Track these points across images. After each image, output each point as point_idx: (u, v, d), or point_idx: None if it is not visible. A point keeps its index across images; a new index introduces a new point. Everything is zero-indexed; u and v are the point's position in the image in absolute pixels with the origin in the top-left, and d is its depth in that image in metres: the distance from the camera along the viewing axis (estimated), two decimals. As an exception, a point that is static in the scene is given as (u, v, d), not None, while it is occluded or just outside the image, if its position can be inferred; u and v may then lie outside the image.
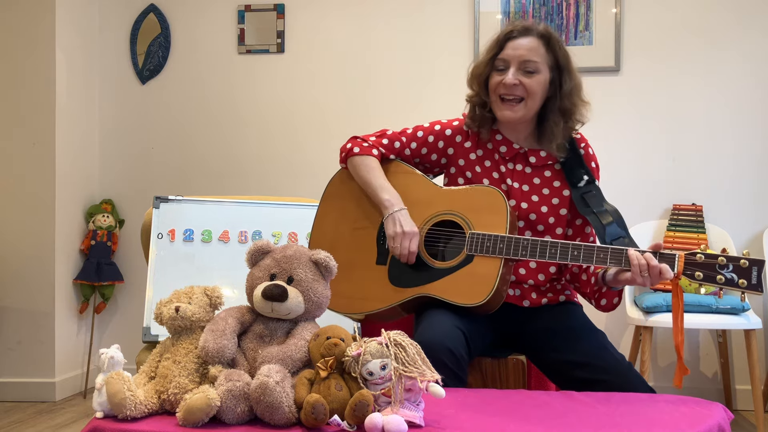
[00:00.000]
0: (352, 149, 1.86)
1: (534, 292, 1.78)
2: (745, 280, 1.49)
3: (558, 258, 1.62)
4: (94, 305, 3.47)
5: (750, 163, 3.17)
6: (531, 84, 1.73)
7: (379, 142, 1.88)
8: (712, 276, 1.51)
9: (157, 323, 1.40)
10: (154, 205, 2.39)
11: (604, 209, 1.73)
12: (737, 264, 1.50)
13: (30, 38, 3.28)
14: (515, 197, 1.78)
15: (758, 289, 1.48)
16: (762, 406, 2.71)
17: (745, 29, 3.17)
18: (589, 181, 1.77)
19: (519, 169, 1.81)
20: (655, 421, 1.25)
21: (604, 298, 1.73)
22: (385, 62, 3.41)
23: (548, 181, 1.80)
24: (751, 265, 1.49)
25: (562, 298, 1.81)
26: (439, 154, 1.87)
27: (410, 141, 1.88)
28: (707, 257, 1.53)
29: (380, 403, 1.22)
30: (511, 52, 1.75)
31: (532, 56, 1.74)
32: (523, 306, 1.77)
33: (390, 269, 1.77)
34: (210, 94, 3.53)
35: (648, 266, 1.54)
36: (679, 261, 1.55)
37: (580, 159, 1.80)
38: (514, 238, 1.65)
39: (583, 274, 1.74)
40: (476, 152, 1.84)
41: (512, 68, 1.74)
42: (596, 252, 1.59)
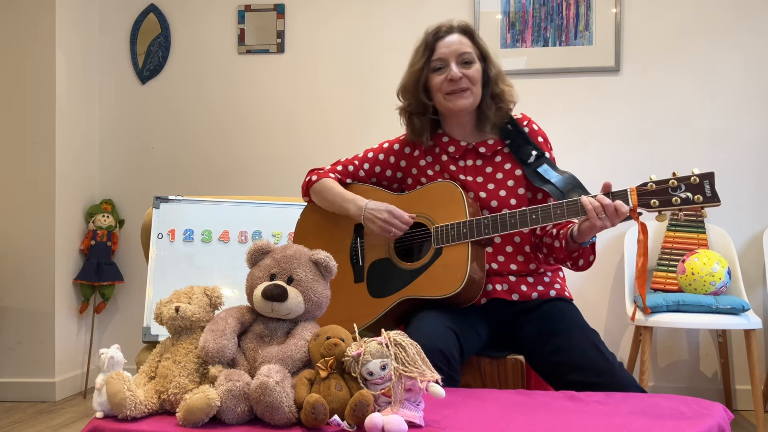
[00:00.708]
0: (311, 179, 1.96)
1: (522, 284, 1.79)
2: (700, 195, 1.50)
3: (519, 225, 1.66)
4: (94, 305, 3.47)
5: (750, 163, 3.17)
6: (472, 73, 1.82)
7: (333, 169, 1.98)
8: (668, 199, 1.53)
9: (157, 323, 1.40)
10: (154, 205, 2.39)
11: (559, 177, 1.77)
12: (688, 182, 1.52)
13: (30, 38, 3.28)
14: (472, 190, 1.82)
15: (714, 200, 1.50)
16: (762, 406, 2.71)
17: (744, 29, 3.18)
18: (538, 155, 1.82)
19: (471, 165, 1.86)
20: (655, 421, 1.25)
21: (580, 259, 1.76)
22: (385, 62, 3.41)
23: (500, 165, 1.85)
24: (702, 179, 1.50)
25: (552, 292, 1.81)
26: (393, 169, 1.95)
27: (363, 162, 1.97)
28: (658, 183, 1.55)
29: (380, 403, 1.22)
30: (446, 49, 1.84)
31: (465, 48, 1.83)
32: (512, 300, 1.78)
33: (368, 284, 1.84)
34: (210, 94, 3.54)
35: (602, 206, 1.57)
36: (632, 194, 1.57)
37: (524, 136, 1.85)
38: (475, 220, 1.70)
39: (555, 241, 1.77)
40: (425, 159, 1.91)
41: (452, 63, 1.81)
42: (552, 210, 1.63)
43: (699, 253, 2.81)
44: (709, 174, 1.50)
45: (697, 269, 2.76)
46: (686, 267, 2.79)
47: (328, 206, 1.92)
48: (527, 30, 3.29)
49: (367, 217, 1.81)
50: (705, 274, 2.74)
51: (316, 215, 1.98)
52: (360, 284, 1.85)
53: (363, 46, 3.43)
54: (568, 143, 3.14)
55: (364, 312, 1.80)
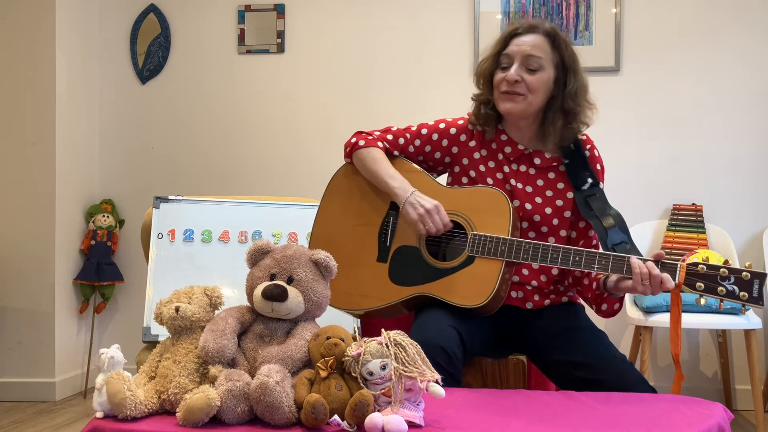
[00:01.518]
0: (357, 143, 1.85)
1: (537, 294, 1.78)
2: (746, 293, 1.48)
3: (559, 263, 1.61)
4: (94, 305, 3.47)
5: (750, 163, 3.17)
6: (533, 81, 1.72)
7: (383, 137, 1.87)
8: (713, 287, 1.51)
9: (157, 323, 1.40)
10: (154, 205, 2.39)
11: (607, 213, 1.72)
12: (739, 276, 1.49)
13: (30, 38, 3.28)
14: (519, 198, 1.77)
15: (759, 302, 1.48)
16: (762, 406, 2.71)
17: (744, 29, 3.17)
18: (593, 183, 1.76)
19: (523, 170, 1.80)
20: (655, 421, 1.25)
21: (605, 303, 1.72)
22: (385, 62, 3.41)
23: (552, 182, 1.79)
24: (753, 278, 1.48)
25: (564, 299, 1.80)
26: (443, 153, 1.86)
27: (414, 138, 1.87)
28: (709, 268, 1.52)
29: (380, 403, 1.22)
30: (515, 48, 1.75)
31: (535, 52, 1.73)
32: (525, 308, 1.77)
33: (390, 267, 1.77)
34: (210, 94, 3.53)
35: (650, 275, 1.53)
36: (680, 271, 1.54)
37: (584, 161, 1.79)
38: (516, 241, 1.64)
39: (585, 279, 1.74)
40: (480, 152, 1.83)
41: (515, 64, 1.73)
42: (598, 258, 1.59)
43: (699, 253, 2.80)
44: (762, 275, 1.49)
45: (697, 269, 2.76)
46: (686, 267, 2.78)
47: (370, 177, 1.82)
48: (527, 30, 3.28)
49: (411, 201, 1.71)
50: (705, 274, 2.74)
51: (355, 178, 1.87)
52: (382, 264, 1.78)
53: (363, 46, 3.43)
54: (568, 143, 3.13)
55: (378, 294, 1.75)
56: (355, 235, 1.84)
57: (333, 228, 1.88)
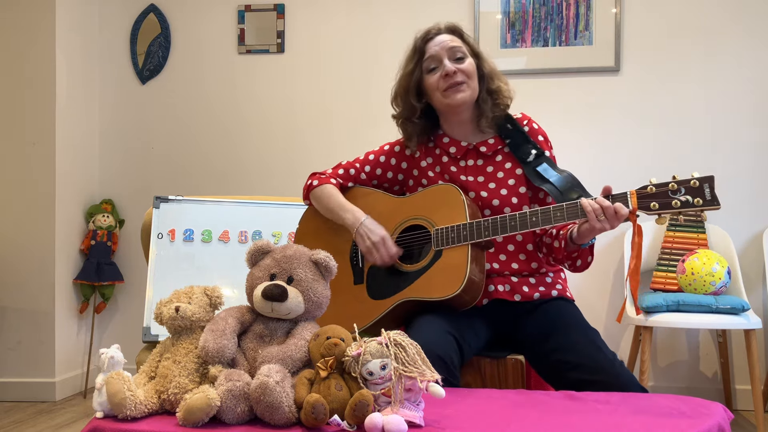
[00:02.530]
0: (312, 183, 1.96)
1: (524, 285, 1.79)
2: (699, 198, 1.50)
3: (519, 227, 1.66)
4: (94, 305, 3.47)
5: (750, 163, 3.17)
6: (466, 67, 1.82)
7: (335, 173, 1.98)
8: (667, 202, 1.53)
9: (157, 323, 1.40)
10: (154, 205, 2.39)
11: (558, 176, 1.77)
12: (688, 185, 1.52)
13: (30, 38, 3.28)
14: (473, 190, 1.82)
15: (714, 203, 1.50)
16: (762, 406, 2.71)
17: (744, 30, 3.18)
18: (537, 154, 1.82)
19: (471, 164, 1.86)
20: (655, 420, 1.25)
21: (579, 260, 1.77)
22: (384, 62, 3.40)
23: (500, 165, 1.85)
24: (702, 183, 1.50)
25: (554, 292, 1.81)
26: (393, 171, 1.95)
27: (364, 165, 1.97)
28: (658, 186, 1.55)
29: (380, 403, 1.22)
30: (437, 47, 1.83)
31: (455, 44, 1.83)
32: (514, 300, 1.78)
33: (368, 285, 1.83)
34: (210, 94, 3.54)
35: (602, 208, 1.57)
36: (631, 197, 1.58)
37: (524, 135, 1.85)
38: (475, 222, 1.70)
39: (555, 241, 1.77)
40: (426, 160, 1.91)
41: (445, 59, 1.82)
42: (552, 212, 1.63)
43: (699, 253, 2.81)
44: (709, 177, 1.50)
45: (697, 269, 2.76)
46: (686, 267, 2.79)
47: (327, 213, 1.93)
48: (527, 30, 3.29)
49: (360, 232, 1.81)
50: (705, 274, 2.74)
51: (316, 218, 1.98)
52: (359, 286, 1.85)
53: (363, 46, 3.43)
54: (568, 143, 3.13)
55: (364, 313, 1.79)
56: None
57: None
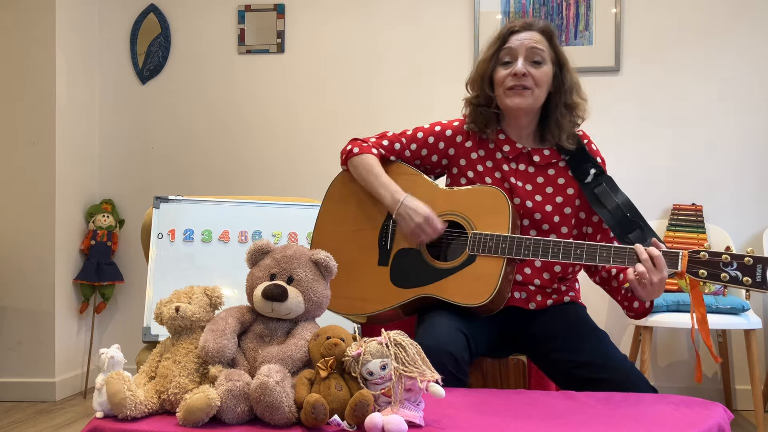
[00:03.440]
0: (352, 150, 1.86)
1: (539, 295, 1.77)
2: (749, 278, 1.48)
3: (561, 257, 1.61)
4: (94, 305, 3.47)
5: (750, 163, 3.17)
6: (538, 74, 1.74)
7: (379, 143, 1.87)
8: (716, 273, 1.50)
9: (157, 323, 1.40)
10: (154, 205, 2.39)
11: (615, 203, 1.72)
12: (741, 261, 1.49)
13: (30, 38, 3.28)
14: (519, 196, 1.77)
15: (763, 287, 1.47)
16: (762, 406, 2.71)
17: (745, 29, 3.17)
18: (596, 173, 1.76)
19: (522, 169, 1.80)
20: (655, 421, 1.25)
21: (635, 301, 1.72)
22: (385, 62, 3.41)
23: (552, 179, 1.79)
24: (756, 263, 1.48)
25: (566, 298, 1.80)
26: (439, 155, 1.87)
27: (410, 142, 1.88)
28: (711, 255, 1.51)
29: (380, 403, 1.22)
30: (517, 42, 1.75)
31: (537, 45, 1.75)
32: (528, 308, 1.77)
33: (392, 270, 1.77)
34: (210, 94, 3.53)
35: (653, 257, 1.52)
36: (682, 259, 1.53)
37: (585, 153, 1.79)
38: (517, 238, 1.64)
39: (614, 281, 1.74)
40: (477, 152, 1.83)
41: (520, 58, 1.74)
42: (599, 250, 1.58)
43: (699, 253, 2.80)
44: (765, 259, 1.48)
45: (697, 269, 2.76)
46: (686, 267, 2.79)
47: (364, 185, 1.82)
48: (527, 30, 3.28)
49: (401, 213, 1.72)
50: (705, 274, 2.74)
51: (352, 185, 1.87)
52: (383, 268, 1.78)
53: (363, 46, 3.43)
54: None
55: (380, 297, 1.75)
56: (356, 240, 1.84)
57: (333, 234, 1.88)
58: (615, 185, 1.76)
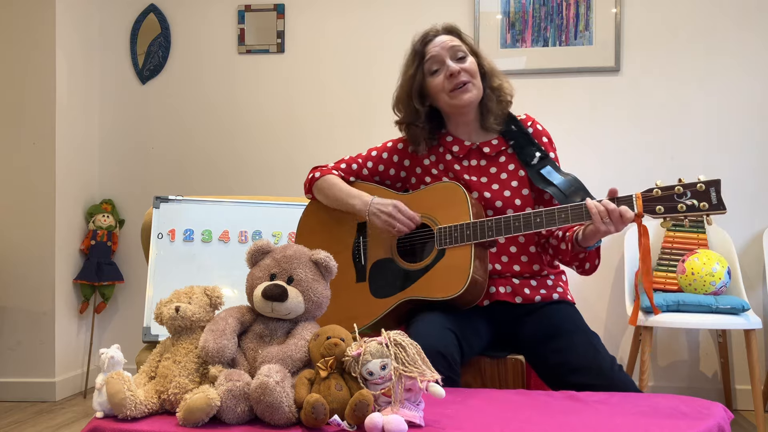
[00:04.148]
0: (314, 176, 1.95)
1: (526, 287, 1.79)
2: (705, 203, 1.50)
3: (522, 228, 1.65)
4: (94, 305, 3.47)
5: (750, 163, 3.17)
6: (469, 66, 1.81)
7: (337, 167, 1.96)
8: (673, 206, 1.52)
9: (157, 323, 1.40)
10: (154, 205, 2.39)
11: (562, 179, 1.76)
12: (694, 189, 1.51)
13: (30, 38, 3.28)
14: (476, 190, 1.82)
15: (720, 207, 1.49)
16: (762, 406, 2.71)
17: (744, 29, 3.18)
18: (541, 156, 1.81)
19: (474, 164, 1.85)
20: (655, 421, 1.25)
21: (587, 262, 1.76)
22: (384, 62, 3.41)
23: (503, 166, 1.84)
24: (708, 186, 1.50)
25: (555, 295, 1.81)
26: (396, 168, 1.94)
27: (366, 161, 1.96)
28: (664, 189, 1.54)
29: (380, 403, 1.22)
30: (437, 47, 1.82)
31: (454, 43, 1.83)
32: (515, 302, 1.78)
33: (370, 283, 1.82)
34: (210, 94, 3.54)
35: (607, 211, 1.56)
36: (637, 200, 1.56)
37: (528, 137, 1.85)
38: (479, 222, 1.69)
39: (561, 243, 1.77)
40: (429, 158, 1.90)
41: (447, 59, 1.81)
42: (556, 214, 1.62)
43: (699, 253, 2.81)
44: (715, 181, 1.49)
45: (697, 269, 2.76)
46: (686, 267, 2.79)
47: (332, 203, 1.90)
48: (527, 30, 3.29)
49: (372, 211, 1.79)
50: (705, 274, 2.74)
51: (318, 214, 1.96)
52: (362, 284, 1.84)
53: (363, 46, 3.43)
54: (568, 143, 3.13)
55: (365, 312, 1.79)
56: None
57: None
58: (558, 167, 1.81)
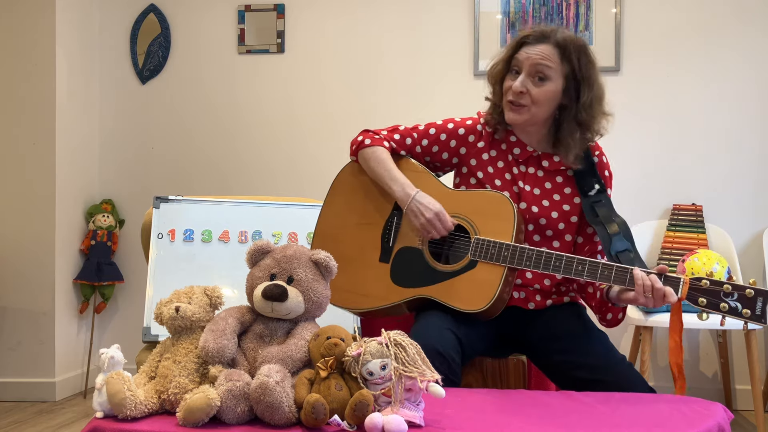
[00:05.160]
0: (363, 141, 1.84)
1: (539, 295, 1.77)
2: (749, 310, 1.47)
3: (562, 272, 1.60)
4: (94, 305, 3.47)
5: (750, 163, 3.17)
6: (537, 94, 1.71)
7: (390, 136, 1.86)
8: (716, 303, 1.49)
9: (157, 323, 1.40)
10: (154, 205, 2.39)
11: (612, 220, 1.71)
12: (742, 293, 1.48)
13: (30, 38, 3.28)
14: (526, 200, 1.76)
15: (762, 320, 1.46)
16: (762, 406, 2.71)
17: (744, 29, 3.17)
18: (599, 190, 1.75)
19: (531, 172, 1.79)
20: (655, 421, 1.25)
21: (609, 313, 1.72)
22: (384, 62, 3.41)
23: (560, 186, 1.79)
24: (757, 296, 1.47)
25: (566, 299, 1.80)
26: (450, 153, 1.85)
27: (422, 138, 1.86)
28: (712, 284, 1.50)
29: (380, 403, 1.22)
30: (524, 56, 1.72)
31: (544, 62, 1.70)
32: (527, 308, 1.77)
33: (392, 267, 1.76)
34: (210, 94, 3.53)
35: (652, 288, 1.52)
36: (683, 286, 1.53)
37: (593, 167, 1.78)
38: (519, 248, 1.63)
39: (590, 287, 1.74)
40: (489, 152, 1.82)
41: (522, 74, 1.72)
42: (601, 269, 1.58)
43: (699, 253, 2.81)
44: (766, 292, 1.47)
45: (697, 269, 2.76)
46: (686, 267, 2.79)
47: (374, 177, 1.80)
48: (527, 30, 3.28)
49: (412, 209, 1.71)
50: (705, 274, 2.75)
51: (361, 176, 1.86)
52: (384, 265, 1.78)
53: (363, 46, 3.43)
54: (568, 143, 3.13)
55: (379, 294, 1.75)
56: (359, 233, 1.83)
57: (337, 225, 1.87)
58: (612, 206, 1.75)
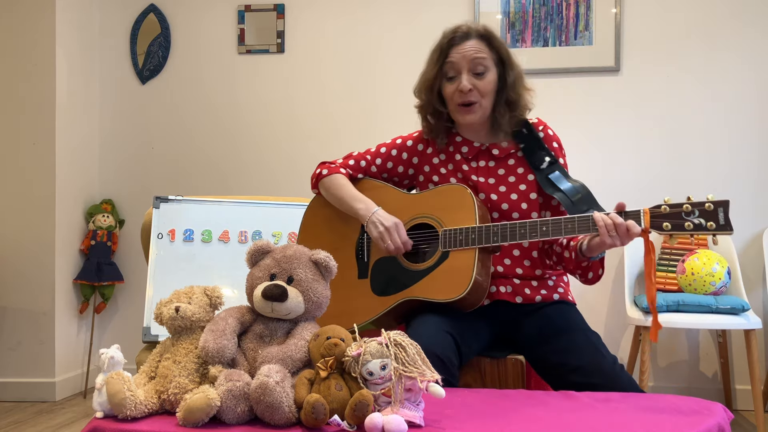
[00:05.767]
0: (321, 172, 1.93)
1: (527, 288, 1.79)
2: (713, 222, 1.49)
3: (528, 236, 1.65)
4: (94, 305, 3.47)
5: (749, 163, 3.17)
6: (483, 86, 1.78)
7: (345, 163, 1.95)
8: (680, 224, 1.52)
9: (157, 323, 1.40)
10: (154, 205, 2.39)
11: (570, 186, 1.76)
12: (702, 208, 1.51)
13: (30, 38, 3.28)
14: (483, 191, 1.81)
15: (727, 228, 1.49)
16: (762, 406, 2.71)
17: (744, 29, 3.18)
18: (551, 161, 1.80)
19: (483, 165, 1.84)
20: (655, 420, 1.25)
21: (589, 272, 1.75)
22: (384, 62, 3.41)
23: (512, 169, 1.84)
24: (716, 207, 1.49)
25: (555, 296, 1.81)
26: (405, 166, 1.93)
27: (375, 158, 1.94)
28: (672, 207, 1.54)
29: (380, 403, 1.22)
30: (458, 56, 1.79)
31: (479, 55, 1.77)
32: (516, 302, 1.78)
33: (372, 281, 1.82)
34: (210, 94, 3.54)
35: (614, 225, 1.56)
36: (644, 216, 1.56)
37: (539, 142, 1.83)
38: (485, 227, 1.68)
39: (565, 252, 1.76)
40: (439, 157, 1.89)
41: (463, 72, 1.78)
42: (563, 223, 1.61)
43: (699, 253, 2.81)
44: (724, 202, 1.49)
45: (696, 269, 2.76)
46: (686, 267, 2.79)
47: (336, 203, 1.89)
48: (527, 30, 3.29)
49: (372, 220, 1.78)
50: (705, 274, 2.74)
51: (324, 209, 1.95)
52: (363, 280, 1.83)
53: (363, 45, 3.43)
54: (568, 143, 3.12)
55: (365, 309, 1.79)
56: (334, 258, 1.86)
57: None
58: (567, 173, 1.80)
